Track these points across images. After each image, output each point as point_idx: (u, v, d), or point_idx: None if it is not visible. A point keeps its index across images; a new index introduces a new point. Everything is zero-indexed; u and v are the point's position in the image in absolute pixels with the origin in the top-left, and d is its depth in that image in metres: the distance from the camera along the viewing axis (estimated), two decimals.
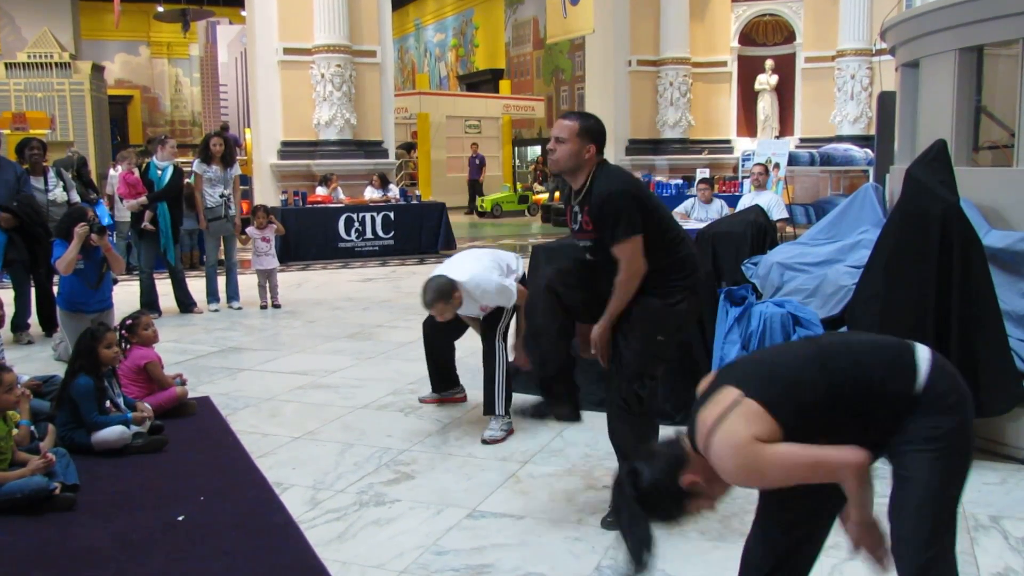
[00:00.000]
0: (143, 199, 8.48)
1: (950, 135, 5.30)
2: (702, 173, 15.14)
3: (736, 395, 2.18)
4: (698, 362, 5.17)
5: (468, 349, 5.47)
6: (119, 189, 8.48)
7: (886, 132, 8.01)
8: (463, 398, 5.46)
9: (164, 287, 8.85)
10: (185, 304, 8.73)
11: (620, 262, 3.45)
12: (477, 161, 22.84)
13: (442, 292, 4.60)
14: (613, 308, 3.51)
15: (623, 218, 3.41)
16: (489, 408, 4.85)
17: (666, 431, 4.77)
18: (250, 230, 9.04)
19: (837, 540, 3.40)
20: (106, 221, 9.96)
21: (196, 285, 9.02)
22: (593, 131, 3.55)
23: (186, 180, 9.10)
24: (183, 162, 13.54)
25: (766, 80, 18.39)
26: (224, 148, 8.69)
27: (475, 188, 22.80)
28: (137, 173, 9.03)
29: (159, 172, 8.56)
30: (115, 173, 11.80)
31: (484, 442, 4.68)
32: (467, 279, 4.63)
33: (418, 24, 34.95)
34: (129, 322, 5.40)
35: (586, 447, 4.56)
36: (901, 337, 2.37)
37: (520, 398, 4.89)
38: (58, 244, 6.38)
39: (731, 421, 2.13)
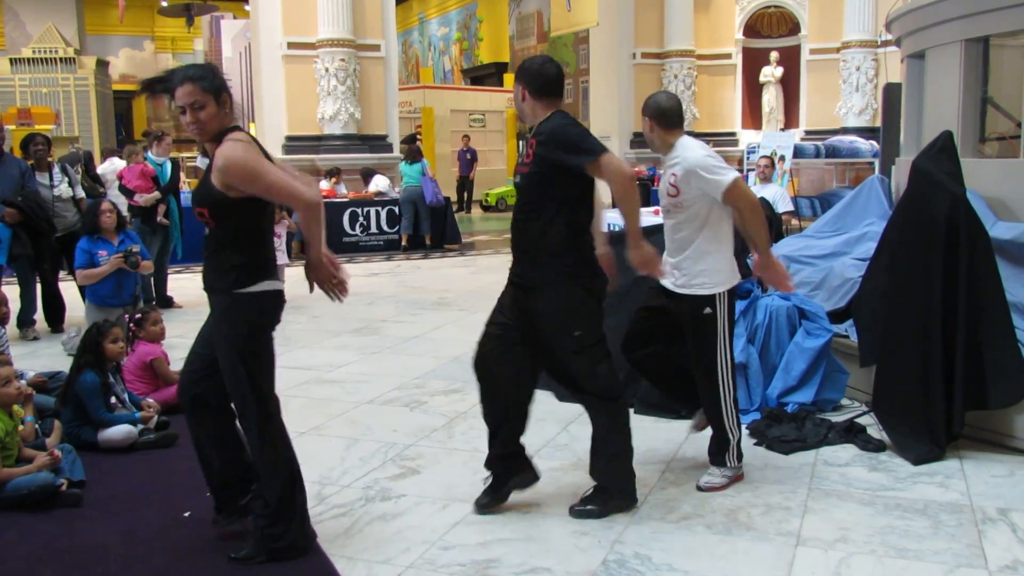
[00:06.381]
0: (157, 193, 8.53)
1: (956, 126, 5.27)
2: None
3: None
4: None
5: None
6: (131, 182, 8.50)
7: (892, 124, 7.98)
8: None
9: (173, 281, 8.87)
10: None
11: (609, 180, 3.40)
12: (468, 156, 21.10)
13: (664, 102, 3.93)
14: (630, 222, 3.48)
15: (587, 139, 3.42)
16: (719, 458, 3.97)
17: (669, 425, 4.75)
18: None
19: (844, 534, 3.41)
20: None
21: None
22: (519, 72, 3.57)
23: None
24: (188, 156, 13.64)
25: (771, 72, 18.31)
26: None
27: (465, 185, 21.17)
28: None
29: (159, 167, 8.65)
30: (112, 167, 11.82)
31: (699, 488, 3.91)
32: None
33: (422, 18, 34.89)
34: (138, 316, 5.41)
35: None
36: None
37: None
38: (83, 243, 6.47)
39: None
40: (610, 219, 5.02)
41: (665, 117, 3.86)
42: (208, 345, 3.26)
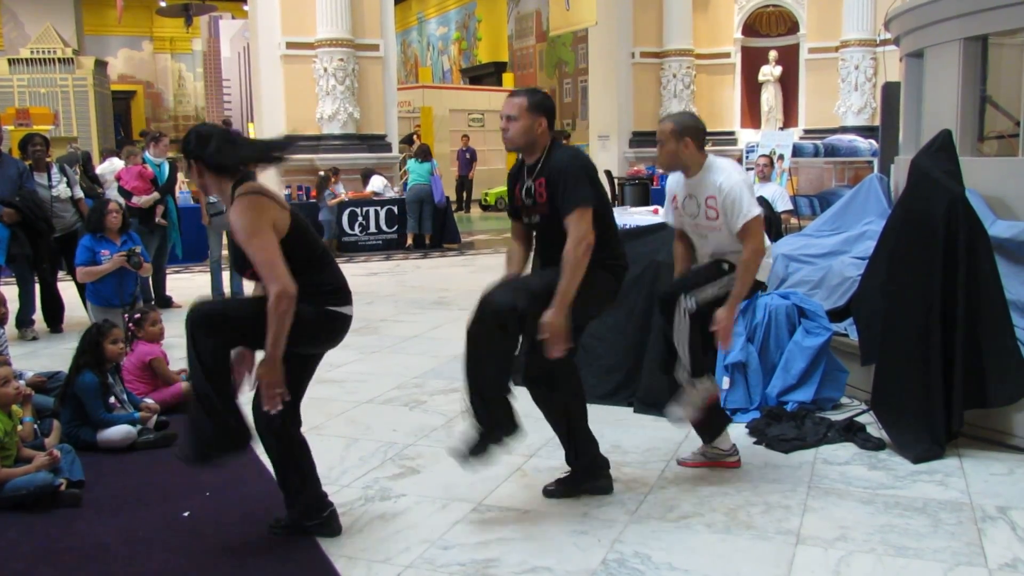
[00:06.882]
0: (155, 195, 8.54)
1: (955, 125, 5.27)
2: None
3: None
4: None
5: None
6: (128, 183, 8.51)
7: (890, 122, 7.99)
8: (736, 463, 4.16)
9: (172, 281, 8.86)
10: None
11: (571, 234, 3.41)
12: (468, 155, 21.01)
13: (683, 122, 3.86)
14: (566, 287, 3.41)
15: (582, 186, 3.45)
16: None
17: (669, 425, 4.75)
18: None
19: (843, 533, 3.41)
20: None
21: (201, 280, 9.02)
22: (542, 105, 3.59)
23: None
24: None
25: (770, 71, 18.32)
26: None
27: (464, 185, 21.19)
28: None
29: (157, 167, 8.68)
30: (111, 167, 11.81)
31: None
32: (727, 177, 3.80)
33: (421, 17, 34.88)
34: (137, 316, 5.41)
35: None
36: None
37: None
38: (86, 240, 6.48)
39: None
40: (624, 220, 5.00)
41: (702, 135, 3.85)
42: None
